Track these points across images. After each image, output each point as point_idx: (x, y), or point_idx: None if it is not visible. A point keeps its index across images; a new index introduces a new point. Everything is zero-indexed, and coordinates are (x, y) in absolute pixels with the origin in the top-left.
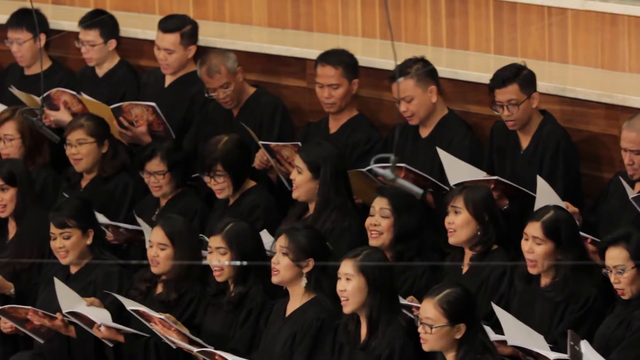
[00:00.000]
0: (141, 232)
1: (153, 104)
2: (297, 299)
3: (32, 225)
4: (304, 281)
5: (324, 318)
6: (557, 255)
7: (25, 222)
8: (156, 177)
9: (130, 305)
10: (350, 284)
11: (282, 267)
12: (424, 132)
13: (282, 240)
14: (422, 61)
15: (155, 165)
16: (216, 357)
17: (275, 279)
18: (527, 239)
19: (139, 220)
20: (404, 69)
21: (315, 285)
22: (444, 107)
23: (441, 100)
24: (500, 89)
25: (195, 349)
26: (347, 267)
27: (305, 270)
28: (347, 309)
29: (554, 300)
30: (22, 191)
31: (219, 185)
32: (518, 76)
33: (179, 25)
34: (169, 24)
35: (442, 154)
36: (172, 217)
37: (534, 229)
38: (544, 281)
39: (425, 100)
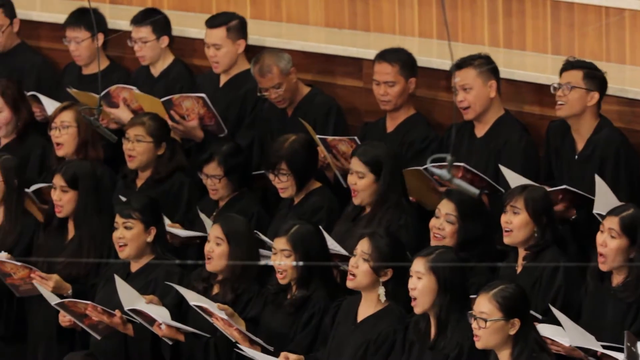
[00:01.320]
0: (195, 237)
1: (203, 95)
2: (370, 304)
3: (92, 231)
4: (382, 290)
5: (398, 328)
6: (629, 253)
7: (85, 227)
8: (213, 180)
9: (193, 300)
10: (420, 283)
11: (360, 272)
12: (480, 132)
13: (364, 245)
14: (486, 57)
15: (212, 169)
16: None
17: (350, 284)
18: (602, 231)
19: (202, 215)
20: (467, 60)
21: (392, 294)
22: (500, 107)
23: (499, 100)
24: (567, 72)
25: (258, 353)
26: (418, 265)
27: (383, 279)
28: (418, 309)
29: (626, 301)
30: (84, 195)
31: (283, 184)
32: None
33: (225, 20)
34: (215, 19)
35: (504, 170)
36: (233, 216)
37: (611, 222)
38: (616, 280)
39: (484, 94)
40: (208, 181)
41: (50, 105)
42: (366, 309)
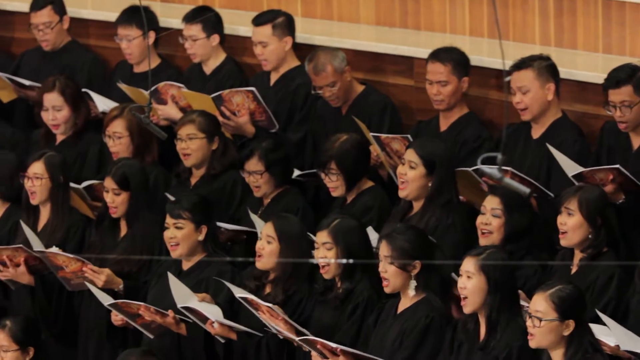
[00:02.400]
0: (242, 232)
1: (252, 88)
2: (407, 298)
3: (144, 229)
4: (412, 284)
5: (433, 316)
6: None
7: (137, 227)
8: (255, 176)
9: (239, 292)
10: (470, 282)
11: (390, 275)
12: (536, 133)
13: (383, 249)
14: (546, 59)
15: (253, 165)
16: (318, 346)
17: (387, 290)
18: None
19: (252, 215)
20: (526, 61)
21: (424, 285)
22: (558, 109)
23: (557, 102)
24: (613, 90)
25: (297, 338)
26: (468, 265)
27: (413, 273)
28: (467, 309)
29: None
30: (135, 196)
31: (333, 184)
32: (632, 78)
33: (271, 17)
34: (261, 17)
35: (555, 153)
36: (287, 216)
37: None
38: None
39: (541, 96)
40: (250, 178)
41: (101, 102)
42: (404, 302)
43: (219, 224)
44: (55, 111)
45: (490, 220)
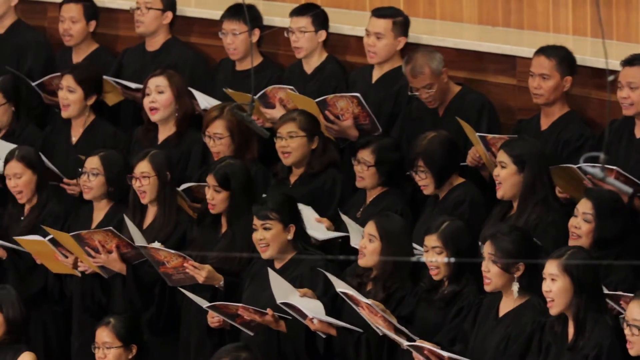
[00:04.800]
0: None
1: (357, 94)
2: (510, 300)
3: (243, 227)
4: (515, 286)
5: (539, 321)
6: None
7: (237, 224)
8: (362, 166)
9: (341, 287)
10: (555, 285)
11: (492, 275)
12: (639, 132)
13: (488, 248)
14: None
15: (365, 154)
16: (425, 352)
17: (488, 288)
18: None
19: (343, 217)
20: (638, 57)
21: (528, 287)
22: None
23: None
24: None
25: (404, 342)
26: (552, 268)
27: (517, 275)
28: (554, 310)
29: None
30: (236, 195)
31: (422, 181)
32: None
33: (392, 13)
34: (382, 10)
35: None
36: (390, 215)
37: None
38: None
39: None
40: (358, 167)
41: (203, 100)
42: (507, 305)
43: (313, 234)
44: (156, 93)
45: (581, 224)
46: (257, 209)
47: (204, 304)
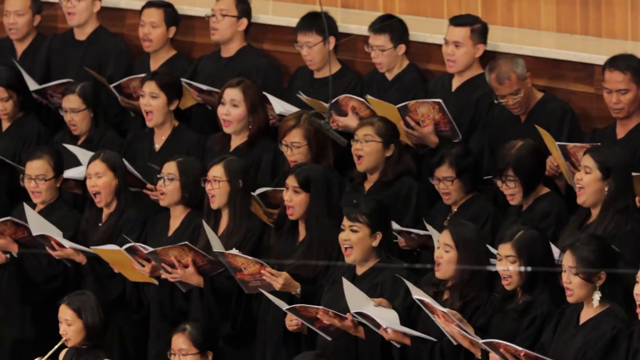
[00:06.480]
0: (431, 238)
1: (439, 100)
2: (591, 308)
3: (322, 233)
4: (597, 295)
5: (620, 328)
6: None
7: (316, 229)
8: (445, 183)
9: (417, 294)
10: None
11: (574, 286)
12: None
13: (568, 259)
14: None
15: (444, 171)
16: (501, 349)
17: (571, 299)
18: None
19: (428, 226)
20: None
21: (609, 295)
22: None
23: None
24: None
25: (478, 352)
26: None
27: (598, 284)
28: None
29: None
30: (315, 198)
31: (510, 191)
32: None
33: (470, 21)
34: (460, 18)
35: None
36: (463, 223)
37: None
38: None
39: None
40: (440, 185)
41: (278, 105)
42: (587, 313)
43: (410, 230)
44: (231, 106)
45: None
46: (348, 210)
47: (284, 306)
